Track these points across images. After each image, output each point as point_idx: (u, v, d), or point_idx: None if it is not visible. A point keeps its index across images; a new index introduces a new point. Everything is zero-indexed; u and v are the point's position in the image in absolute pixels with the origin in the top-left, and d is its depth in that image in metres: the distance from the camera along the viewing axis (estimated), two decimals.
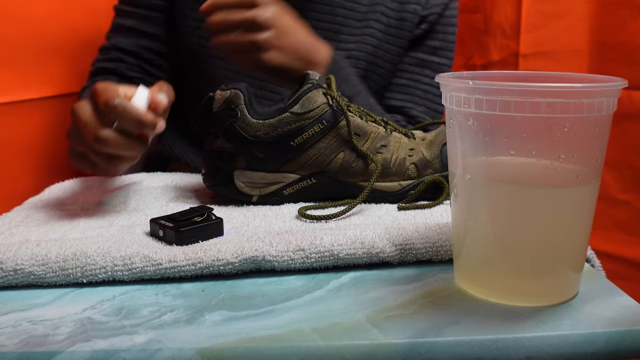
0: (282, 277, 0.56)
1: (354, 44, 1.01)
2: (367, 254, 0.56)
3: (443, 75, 0.51)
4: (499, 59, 1.28)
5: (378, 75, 1.05)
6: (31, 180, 1.02)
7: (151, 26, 1.02)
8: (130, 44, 1.02)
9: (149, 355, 0.43)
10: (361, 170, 0.71)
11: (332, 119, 0.70)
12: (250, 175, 0.71)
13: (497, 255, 0.49)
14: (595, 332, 0.45)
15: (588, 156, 0.47)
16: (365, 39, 1.02)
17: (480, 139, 0.48)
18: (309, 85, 0.70)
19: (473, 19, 1.33)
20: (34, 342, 0.44)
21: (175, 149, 1.06)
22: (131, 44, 1.02)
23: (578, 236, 0.49)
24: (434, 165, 0.73)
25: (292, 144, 0.70)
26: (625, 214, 1.22)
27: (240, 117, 0.69)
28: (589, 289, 0.52)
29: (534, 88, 0.44)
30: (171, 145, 1.07)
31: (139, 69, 1.02)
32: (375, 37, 1.02)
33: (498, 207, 0.49)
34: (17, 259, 0.53)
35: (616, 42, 1.18)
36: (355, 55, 1.02)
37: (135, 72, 1.02)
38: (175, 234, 0.58)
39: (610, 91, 0.46)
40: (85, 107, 0.66)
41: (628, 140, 1.19)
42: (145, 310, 0.49)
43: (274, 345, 0.44)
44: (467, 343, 0.44)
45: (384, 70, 1.05)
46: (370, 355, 0.44)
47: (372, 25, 1.02)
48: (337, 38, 1.00)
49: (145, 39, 1.02)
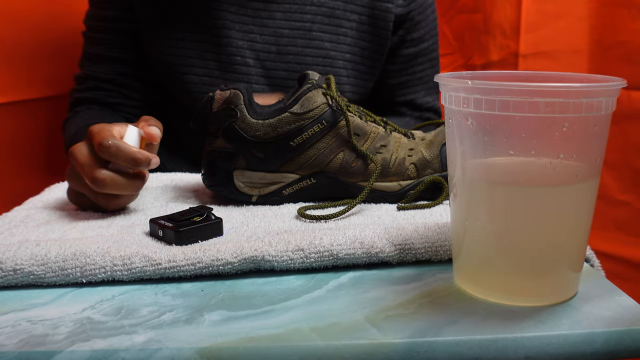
0: (282, 277, 0.56)
1: (328, 43, 1.01)
2: (366, 254, 0.56)
3: (442, 75, 0.51)
4: (498, 59, 1.29)
5: (360, 72, 1.05)
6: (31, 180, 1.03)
7: (120, 51, 1.01)
8: (104, 72, 1.01)
9: (148, 355, 0.43)
10: (361, 170, 0.71)
11: (332, 119, 0.70)
12: (250, 175, 0.71)
13: (496, 255, 0.49)
14: (594, 331, 0.45)
15: (587, 156, 0.48)
16: (339, 39, 1.01)
17: (479, 139, 0.48)
18: (308, 85, 0.70)
19: (473, 19, 1.33)
20: (34, 342, 0.44)
21: (168, 164, 1.06)
22: (104, 71, 1.01)
23: (577, 236, 0.49)
24: (433, 166, 0.73)
25: (291, 144, 0.70)
26: (625, 214, 1.22)
27: (239, 117, 0.69)
28: (588, 288, 0.52)
29: (532, 88, 0.44)
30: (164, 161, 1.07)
31: (117, 94, 1.02)
32: (349, 36, 1.02)
33: (497, 206, 0.49)
34: (17, 259, 0.53)
35: (616, 42, 1.18)
36: (332, 55, 1.01)
37: (115, 98, 1.02)
38: (174, 233, 0.58)
39: (609, 91, 0.46)
40: (82, 149, 0.66)
41: (628, 140, 1.19)
42: (145, 310, 0.49)
43: (273, 345, 0.44)
44: (466, 343, 0.44)
45: (365, 67, 1.05)
46: (369, 354, 0.44)
47: (343, 24, 1.01)
48: (309, 36, 1.00)
49: (117, 64, 1.01)
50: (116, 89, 1.02)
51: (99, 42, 1.01)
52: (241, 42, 0.98)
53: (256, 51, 0.99)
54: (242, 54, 0.98)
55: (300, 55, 1.00)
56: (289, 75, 1.00)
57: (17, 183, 0.99)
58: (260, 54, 0.99)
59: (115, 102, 1.02)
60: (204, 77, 0.98)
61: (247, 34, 0.98)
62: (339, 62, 1.02)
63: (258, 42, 0.98)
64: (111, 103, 1.02)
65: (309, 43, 1.00)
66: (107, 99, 1.01)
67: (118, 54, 1.01)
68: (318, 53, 1.00)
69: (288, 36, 0.99)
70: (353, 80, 1.04)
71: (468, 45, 1.35)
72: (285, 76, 1.00)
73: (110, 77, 1.01)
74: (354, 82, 1.04)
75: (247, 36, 0.98)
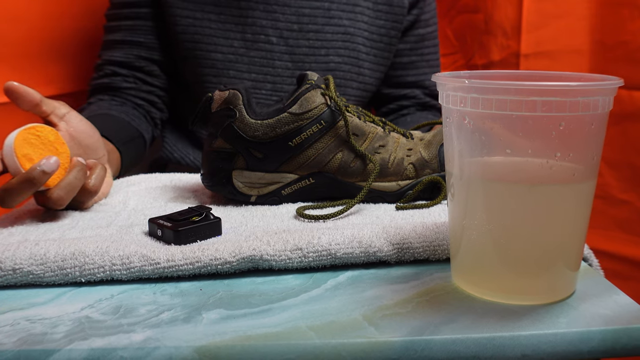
0: (280, 276, 0.56)
1: (347, 20, 1.06)
2: (364, 253, 0.57)
3: (440, 74, 0.51)
4: (499, 59, 1.29)
5: (378, 50, 1.10)
6: None
7: (140, 35, 1.04)
8: (122, 56, 1.04)
9: (146, 354, 0.43)
10: (359, 170, 0.71)
11: (330, 119, 0.70)
12: (249, 175, 0.71)
13: (493, 254, 0.49)
14: (591, 330, 0.45)
15: (584, 155, 0.48)
16: (357, 17, 1.06)
17: (477, 138, 0.48)
18: (307, 85, 0.71)
19: (474, 19, 1.33)
20: (32, 341, 0.44)
21: (176, 153, 1.08)
22: (122, 55, 1.04)
23: (574, 235, 0.50)
24: (432, 166, 0.73)
25: (290, 144, 0.70)
26: (626, 213, 1.22)
27: (238, 117, 0.69)
28: (586, 287, 0.52)
29: (529, 87, 0.44)
30: (171, 150, 1.08)
31: (132, 79, 1.04)
32: (366, 14, 1.07)
33: (494, 205, 0.49)
34: (16, 259, 0.54)
35: (617, 42, 1.18)
36: (351, 31, 1.06)
37: (130, 83, 1.04)
38: (173, 233, 0.58)
39: (605, 90, 0.46)
40: None
41: (628, 140, 1.19)
42: (143, 309, 0.49)
43: (271, 343, 0.44)
44: (463, 341, 0.44)
45: (382, 44, 1.10)
46: (366, 353, 0.44)
47: (360, 3, 1.07)
48: (329, 15, 1.05)
49: (135, 47, 1.04)
50: (131, 73, 1.04)
51: (118, 29, 1.04)
52: (265, 22, 1.02)
53: (279, 29, 1.03)
54: (265, 32, 1.03)
55: (321, 32, 1.05)
56: (311, 52, 1.05)
57: None
58: (284, 32, 1.03)
59: (129, 86, 1.04)
60: (229, 54, 1.02)
61: (271, 14, 1.02)
62: (357, 38, 1.07)
63: (281, 20, 1.03)
64: (125, 88, 1.04)
65: (328, 21, 1.05)
66: (122, 83, 1.03)
67: (136, 38, 1.03)
68: (337, 30, 1.05)
69: (309, 15, 1.04)
70: (372, 57, 1.09)
71: (469, 46, 1.35)
72: (307, 52, 1.05)
73: (127, 60, 1.04)
74: (374, 60, 1.10)
75: (271, 15, 1.02)
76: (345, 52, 1.06)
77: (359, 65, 1.08)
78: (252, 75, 1.03)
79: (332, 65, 1.06)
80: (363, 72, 1.09)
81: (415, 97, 1.16)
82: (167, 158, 1.09)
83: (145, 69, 1.04)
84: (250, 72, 1.03)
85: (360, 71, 1.08)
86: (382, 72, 1.12)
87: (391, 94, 1.16)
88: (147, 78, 1.05)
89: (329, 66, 1.06)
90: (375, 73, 1.11)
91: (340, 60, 1.06)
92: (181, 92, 1.09)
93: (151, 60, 1.05)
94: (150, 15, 1.03)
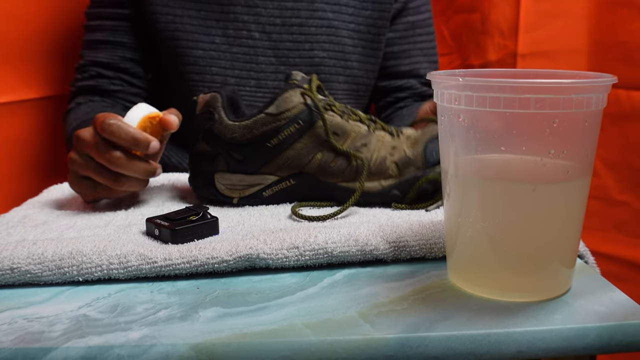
0: (277, 274, 0.56)
1: (331, 13, 1.04)
2: (360, 252, 0.57)
3: (434, 73, 0.51)
4: (496, 59, 1.29)
5: (367, 42, 1.08)
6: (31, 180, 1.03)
7: (122, 36, 1.03)
8: (106, 57, 1.03)
9: (143, 351, 0.43)
10: (340, 170, 0.71)
11: (309, 119, 0.69)
12: (230, 177, 0.71)
13: (488, 251, 0.50)
14: (587, 326, 0.46)
15: (578, 152, 0.48)
16: (342, 9, 1.05)
17: (471, 136, 0.48)
18: (287, 85, 0.70)
19: (470, 19, 1.33)
20: (30, 339, 0.45)
21: (173, 158, 1.07)
22: (107, 56, 1.03)
23: (569, 232, 0.50)
24: (416, 163, 0.71)
25: (268, 145, 0.70)
26: (624, 214, 1.22)
27: (217, 119, 0.69)
28: (582, 284, 0.53)
29: (523, 84, 0.45)
30: (168, 155, 1.08)
31: (119, 81, 1.03)
32: (350, 6, 1.06)
33: (489, 203, 0.49)
34: (14, 258, 0.54)
35: (615, 42, 1.18)
36: (335, 25, 1.04)
37: (117, 85, 1.03)
38: (170, 232, 0.59)
39: (598, 87, 0.46)
40: (87, 132, 0.69)
41: (628, 140, 1.19)
42: (140, 307, 0.49)
43: (267, 341, 0.44)
44: (458, 338, 0.45)
45: (371, 36, 1.08)
46: (361, 349, 0.44)
47: None
48: (312, 7, 1.03)
49: (119, 48, 1.03)
50: (117, 75, 1.03)
51: (102, 28, 1.03)
52: (247, 17, 1.01)
53: (262, 24, 1.02)
54: (248, 27, 1.01)
55: (305, 26, 1.03)
56: (294, 47, 1.03)
57: (16, 183, 1.00)
58: (266, 27, 1.02)
59: (117, 89, 1.03)
60: (211, 51, 1.00)
61: (252, 8, 1.01)
62: (342, 31, 1.05)
63: (263, 15, 1.02)
64: (113, 91, 1.03)
65: (312, 14, 1.03)
66: (109, 86, 1.03)
67: (120, 39, 1.02)
68: (321, 23, 1.03)
69: (292, 8, 1.02)
70: (360, 50, 1.07)
71: (466, 45, 1.35)
72: (290, 47, 1.03)
73: (112, 61, 1.03)
74: (362, 52, 1.08)
75: (253, 10, 1.01)
76: (330, 46, 1.04)
77: (345, 59, 1.06)
78: (235, 72, 1.01)
79: (317, 60, 1.04)
80: (350, 66, 1.07)
81: (411, 87, 1.14)
82: (165, 163, 1.08)
83: (130, 70, 1.03)
84: (233, 69, 1.01)
85: (347, 64, 1.06)
86: (372, 63, 1.10)
87: (387, 86, 1.14)
88: (132, 80, 1.04)
89: (313, 61, 1.04)
90: (364, 65, 1.08)
91: (325, 55, 1.04)
92: (169, 94, 1.08)
93: (135, 62, 1.04)
94: (132, 16, 1.02)
